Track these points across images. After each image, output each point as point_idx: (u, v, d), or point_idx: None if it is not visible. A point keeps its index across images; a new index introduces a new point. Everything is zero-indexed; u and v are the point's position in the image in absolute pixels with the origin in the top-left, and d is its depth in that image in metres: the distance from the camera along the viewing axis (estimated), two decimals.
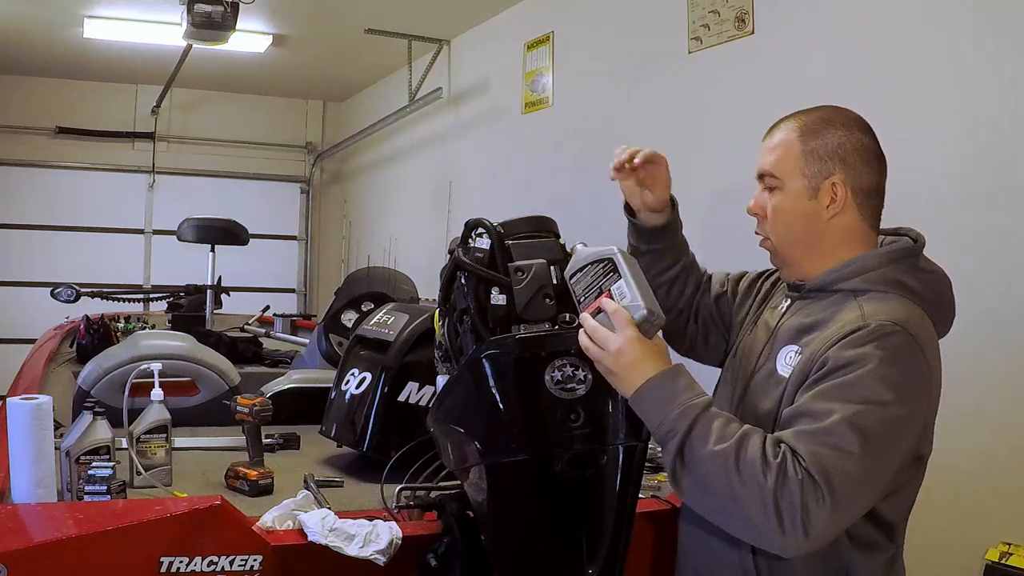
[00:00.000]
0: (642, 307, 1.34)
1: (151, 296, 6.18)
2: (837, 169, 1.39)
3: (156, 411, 2.01)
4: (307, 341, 3.87)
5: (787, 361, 1.38)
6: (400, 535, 1.50)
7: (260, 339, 4.23)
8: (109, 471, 1.67)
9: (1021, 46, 2.39)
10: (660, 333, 1.37)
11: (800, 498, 1.16)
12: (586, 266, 1.41)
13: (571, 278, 1.42)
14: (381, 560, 1.46)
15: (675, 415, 1.26)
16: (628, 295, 1.36)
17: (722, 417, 1.26)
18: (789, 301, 1.49)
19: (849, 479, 1.19)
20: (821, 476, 1.17)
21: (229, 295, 4.75)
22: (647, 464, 1.64)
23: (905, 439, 1.27)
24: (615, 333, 1.31)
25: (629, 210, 1.66)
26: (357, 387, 2.19)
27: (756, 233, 1.50)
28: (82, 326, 3.59)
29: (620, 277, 1.38)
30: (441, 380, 1.55)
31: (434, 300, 1.78)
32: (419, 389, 2.13)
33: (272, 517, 1.52)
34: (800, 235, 1.43)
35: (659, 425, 1.28)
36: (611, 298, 1.36)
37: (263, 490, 1.93)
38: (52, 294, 4.65)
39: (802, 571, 1.33)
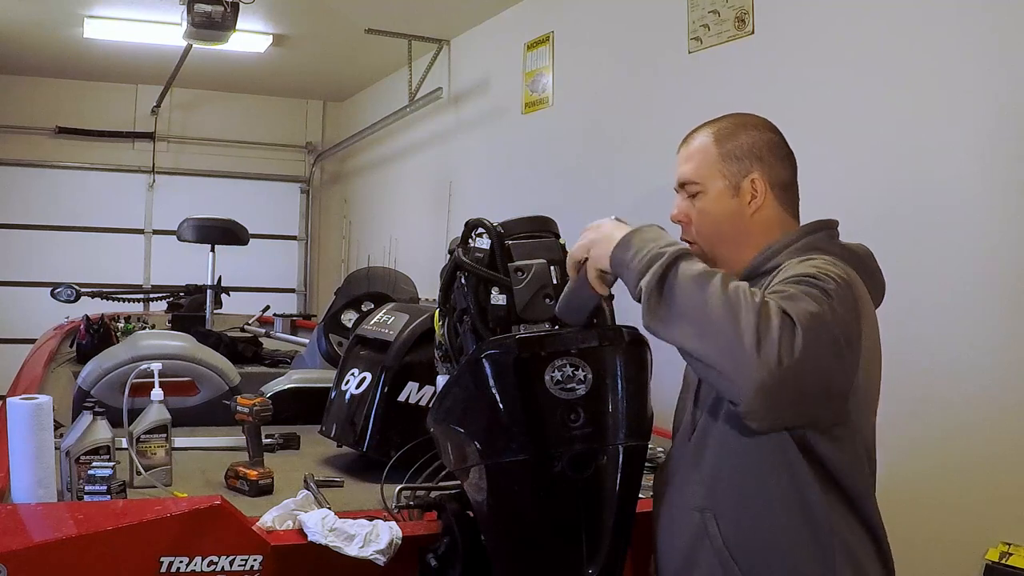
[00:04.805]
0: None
1: (151, 296, 6.17)
2: (754, 166, 1.46)
3: (156, 411, 2.01)
4: (307, 341, 3.87)
5: None
6: (400, 535, 1.50)
7: (260, 339, 4.23)
8: (109, 471, 1.67)
9: None
10: None
11: (778, 327, 1.14)
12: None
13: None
14: (381, 560, 1.46)
15: (663, 244, 1.26)
16: None
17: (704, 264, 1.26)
18: None
19: (814, 323, 1.17)
20: (794, 315, 1.16)
21: (229, 295, 4.75)
22: (647, 464, 1.64)
23: (852, 347, 1.25)
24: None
25: None
26: (357, 387, 2.20)
27: (682, 240, 1.53)
28: (82, 326, 3.59)
29: None
30: (441, 380, 1.56)
31: (434, 300, 1.78)
32: (419, 389, 2.14)
33: (272, 517, 1.52)
34: (728, 233, 1.48)
35: (645, 254, 1.25)
36: None
37: (263, 490, 1.93)
38: (52, 294, 4.65)
39: (776, 541, 1.31)
